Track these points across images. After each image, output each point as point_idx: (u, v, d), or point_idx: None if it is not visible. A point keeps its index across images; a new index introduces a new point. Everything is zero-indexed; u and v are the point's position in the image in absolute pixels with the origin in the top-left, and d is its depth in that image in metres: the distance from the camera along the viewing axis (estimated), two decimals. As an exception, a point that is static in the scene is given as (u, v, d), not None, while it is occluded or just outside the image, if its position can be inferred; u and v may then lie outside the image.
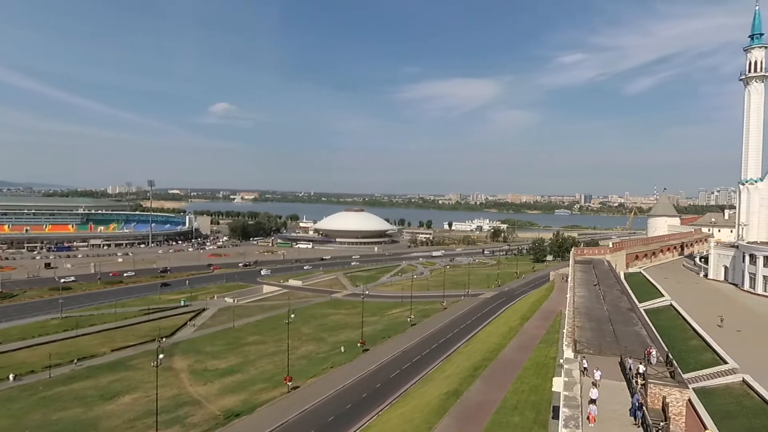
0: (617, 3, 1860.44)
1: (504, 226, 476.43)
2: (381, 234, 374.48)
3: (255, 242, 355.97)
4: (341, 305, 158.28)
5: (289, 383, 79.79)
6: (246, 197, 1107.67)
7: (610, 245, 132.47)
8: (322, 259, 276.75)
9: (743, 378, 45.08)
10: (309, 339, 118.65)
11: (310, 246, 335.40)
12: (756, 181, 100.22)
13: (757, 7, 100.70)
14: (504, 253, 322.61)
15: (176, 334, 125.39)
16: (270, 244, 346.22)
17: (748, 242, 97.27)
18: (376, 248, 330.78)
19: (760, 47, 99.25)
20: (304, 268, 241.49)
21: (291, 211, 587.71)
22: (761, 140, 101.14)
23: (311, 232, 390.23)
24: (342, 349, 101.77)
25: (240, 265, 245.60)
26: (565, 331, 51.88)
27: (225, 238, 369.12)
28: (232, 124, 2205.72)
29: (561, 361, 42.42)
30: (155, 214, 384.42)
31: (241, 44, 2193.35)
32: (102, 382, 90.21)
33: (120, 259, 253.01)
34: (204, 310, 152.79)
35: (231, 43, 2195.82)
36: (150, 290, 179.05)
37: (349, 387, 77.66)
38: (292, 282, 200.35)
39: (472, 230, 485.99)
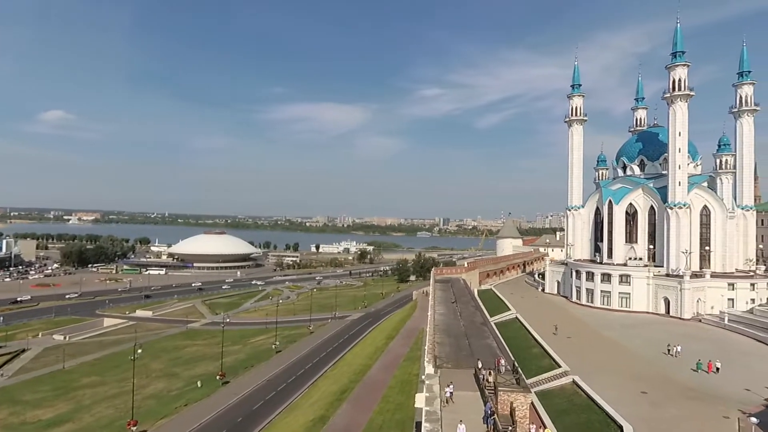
0: (469, 45, 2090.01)
1: (370, 248, 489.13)
2: (245, 258, 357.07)
3: (95, 269, 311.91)
4: (198, 336, 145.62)
5: (134, 428, 70.25)
6: (85, 218, 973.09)
7: (466, 265, 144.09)
8: (175, 286, 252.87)
9: (573, 379, 51.29)
10: (160, 375, 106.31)
11: (162, 272, 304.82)
12: (578, 208, 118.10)
13: (576, 63, 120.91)
14: (370, 274, 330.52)
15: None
16: (114, 271, 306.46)
17: (574, 260, 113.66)
18: (239, 273, 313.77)
19: (579, 95, 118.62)
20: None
21: (140, 234, 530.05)
22: (582, 173, 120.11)
23: (165, 257, 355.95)
24: (198, 383, 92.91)
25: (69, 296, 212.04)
26: (426, 347, 54.04)
27: (56, 265, 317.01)
28: (69, 134, 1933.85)
29: (423, 377, 43.71)
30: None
31: (85, 46, 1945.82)
32: None
33: None
34: (24, 351, 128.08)
35: (71, 43, 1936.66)
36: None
37: (206, 425, 70.73)
38: (140, 313, 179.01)
39: (339, 252, 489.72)
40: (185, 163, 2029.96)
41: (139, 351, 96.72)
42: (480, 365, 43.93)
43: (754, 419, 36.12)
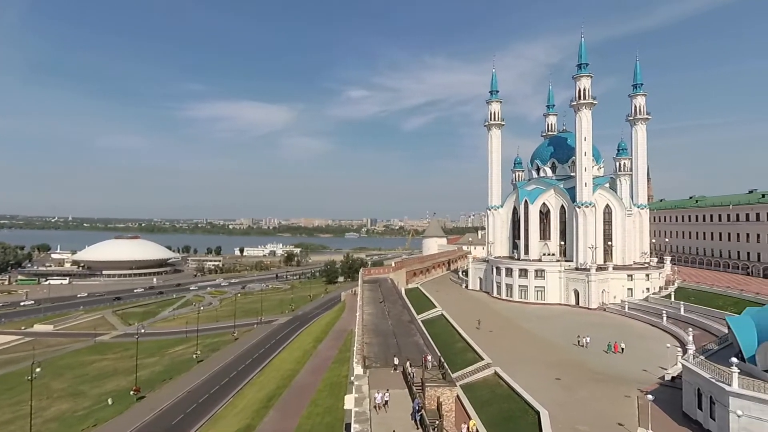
0: (395, 49, 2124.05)
1: (297, 250, 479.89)
2: (161, 263, 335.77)
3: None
4: (109, 349, 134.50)
5: (31, 456, 63.14)
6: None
7: (393, 265, 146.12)
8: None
9: (495, 370, 53.82)
10: (63, 395, 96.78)
11: (66, 281, 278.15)
12: (498, 208, 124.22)
13: (494, 70, 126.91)
14: (298, 277, 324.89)
15: None
16: (6, 282, 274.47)
17: (494, 257, 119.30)
18: (155, 279, 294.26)
19: (497, 101, 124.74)
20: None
21: (39, 240, 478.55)
22: (500, 175, 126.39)
23: (68, 265, 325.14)
24: (109, 401, 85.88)
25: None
26: (355, 348, 54.05)
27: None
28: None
29: (352, 378, 43.65)
30: None
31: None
32: None
33: None
34: None
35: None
36: None
37: (118, 445, 65.58)
38: (38, 327, 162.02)
39: (265, 255, 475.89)
40: (92, 163, 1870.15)
41: (38, 370, 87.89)
42: (396, 362, 44.89)
43: (650, 396, 40.14)
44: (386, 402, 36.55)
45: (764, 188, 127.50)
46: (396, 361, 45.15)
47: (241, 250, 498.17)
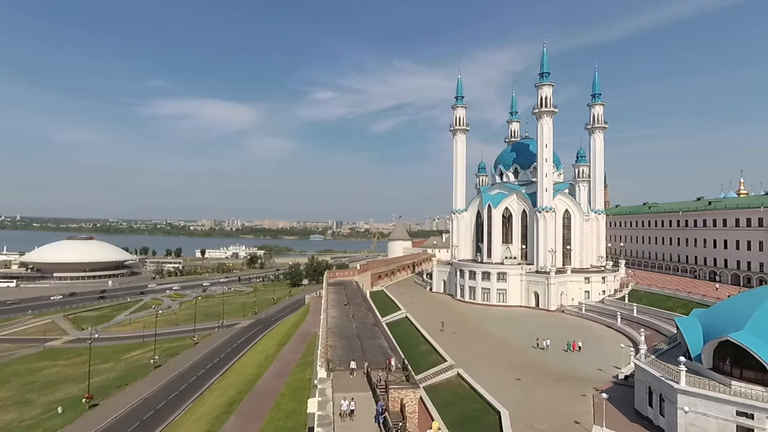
0: (362, 51, 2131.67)
1: (261, 253, 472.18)
2: (117, 265, 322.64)
3: None
4: (59, 355, 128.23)
5: (-29, 470, 59.41)
6: None
7: (358, 267, 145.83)
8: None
9: (458, 372, 54.64)
10: (9, 404, 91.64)
11: (12, 284, 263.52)
12: (462, 211, 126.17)
13: (459, 76, 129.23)
14: (261, 279, 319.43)
15: None
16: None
17: (458, 260, 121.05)
18: (110, 282, 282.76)
19: (462, 107, 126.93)
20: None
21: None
22: (465, 179, 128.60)
23: (16, 267, 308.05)
24: (59, 409, 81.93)
25: None
26: (319, 351, 53.68)
27: None
28: None
29: (316, 381, 43.33)
30: None
31: None
32: None
33: None
34: None
35: None
36: None
37: (68, 456, 62.56)
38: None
39: (227, 257, 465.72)
40: (44, 160, 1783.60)
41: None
42: (353, 366, 44.41)
43: (604, 395, 41.76)
44: (352, 411, 35.14)
45: (711, 196, 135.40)
46: (353, 365, 44.34)
47: (203, 252, 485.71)
